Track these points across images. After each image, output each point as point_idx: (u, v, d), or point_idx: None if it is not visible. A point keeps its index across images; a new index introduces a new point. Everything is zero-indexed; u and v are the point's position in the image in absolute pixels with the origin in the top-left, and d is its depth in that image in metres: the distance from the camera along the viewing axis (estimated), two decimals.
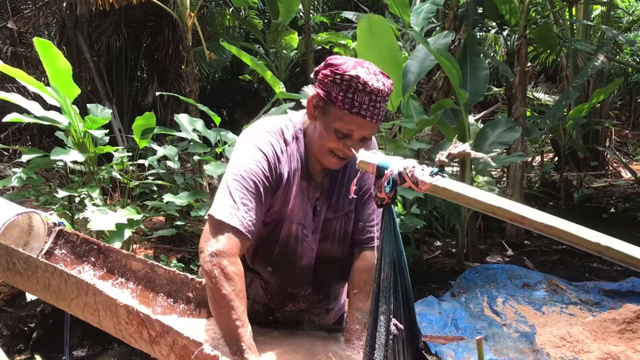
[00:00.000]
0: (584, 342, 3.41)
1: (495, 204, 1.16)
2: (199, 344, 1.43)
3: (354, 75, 1.50)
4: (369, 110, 1.53)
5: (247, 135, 1.67)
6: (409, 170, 1.28)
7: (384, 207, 1.34)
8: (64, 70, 3.91)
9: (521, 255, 5.37)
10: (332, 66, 1.55)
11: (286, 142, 1.66)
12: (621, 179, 8.81)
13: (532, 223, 1.12)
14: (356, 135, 1.57)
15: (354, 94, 1.51)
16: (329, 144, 1.59)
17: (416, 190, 1.29)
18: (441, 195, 1.26)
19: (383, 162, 1.33)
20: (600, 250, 1.08)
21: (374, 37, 4.41)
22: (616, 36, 7.44)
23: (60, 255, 2.01)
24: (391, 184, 1.31)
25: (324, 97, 1.55)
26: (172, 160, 4.65)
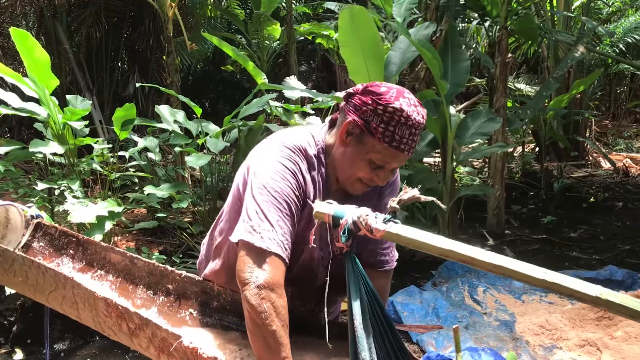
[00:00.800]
0: (563, 330, 3.47)
1: (446, 247, 1.23)
2: (178, 336, 1.43)
3: (397, 108, 1.43)
4: (407, 144, 1.47)
5: (270, 150, 1.56)
6: (363, 219, 1.32)
7: (344, 256, 1.36)
8: (42, 61, 3.87)
9: (502, 244, 5.43)
10: (373, 94, 1.46)
11: (309, 161, 1.57)
12: (601, 168, 8.92)
13: (482, 264, 1.19)
14: (389, 166, 1.53)
15: (396, 127, 1.44)
16: (359, 174, 1.53)
17: (371, 237, 1.32)
18: (395, 240, 1.32)
19: (338, 212, 1.36)
20: (547, 286, 1.15)
21: (356, 28, 4.40)
22: (596, 27, 7.52)
23: (38, 248, 2.00)
24: (347, 233, 1.33)
25: (362, 126, 1.47)
26: (153, 152, 4.63)
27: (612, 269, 4.42)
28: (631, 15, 11.05)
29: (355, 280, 1.33)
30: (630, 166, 8.80)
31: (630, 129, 12.62)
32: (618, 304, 1.06)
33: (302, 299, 1.70)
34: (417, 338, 3.52)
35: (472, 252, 1.19)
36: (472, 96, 10.39)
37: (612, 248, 5.20)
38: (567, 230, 5.82)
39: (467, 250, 1.20)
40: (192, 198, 4.73)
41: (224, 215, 1.76)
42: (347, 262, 1.35)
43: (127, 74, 9.66)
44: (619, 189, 7.59)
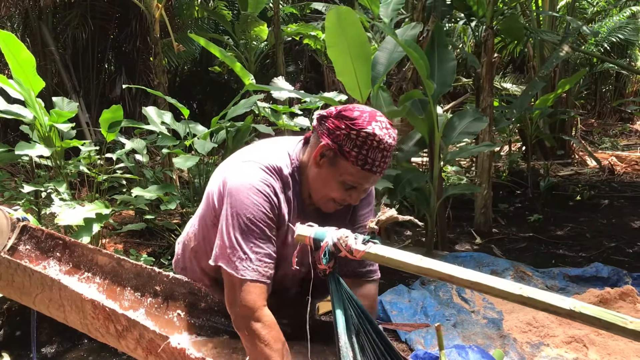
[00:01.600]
0: (549, 327, 3.50)
1: (425, 266, 1.26)
2: (166, 337, 1.44)
3: (370, 133, 1.48)
4: (379, 167, 1.53)
5: (246, 170, 1.60)
6: (343, 241, 1.35)
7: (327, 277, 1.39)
8: (28, 63, 3.84)
9: (489, 243, 5.46)
10: (346, 119, 1.51)
11: (284, 181, 1.61)
12: (587, 167, 9.00)
13: (460, 281, 1.23)
14: (362, 187, 1.57)
15: (368, 151, 1.49)
16: (332, 194, 1.58)
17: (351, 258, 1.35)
18: (374, 260, 1.35)
19: (318, 234, 1.40)
20: (523, 301, 1.18)
21: (343, 29, 4.41)
22: (581, 27, 7.58)
23: (24, 251, 1.99)
24: (328, 255, 1.35)
25: (335, 150, 1.52)
26: (140, 154, 4.61)
27: (598, 266, 4.46)
28: (615, 15, 11.16)
29: (339, 299, 1.36)
30: (616, 164, 8.89)
31: (615, 128, 12.75)
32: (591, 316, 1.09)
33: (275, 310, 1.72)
34: (406, 337, 3.53)
35: (450, 270, 1.23)
36: (459, 96, 10.45)
37: (598, 245, 5.25)
38: (553, 228, 5.87)
39: (445, 268, 1.24)
40: (180, 199, 4.71)
41: (198, 219, 1.80)
42: (330, 282, 1.38)
43: (114, 76, 9.61)
44: (604, 187, 7.66)
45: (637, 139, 11.78)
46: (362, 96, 4.77)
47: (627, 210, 6.53)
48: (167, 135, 4.48)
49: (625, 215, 6.30)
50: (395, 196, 4.65)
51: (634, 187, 7.65)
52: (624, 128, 12.67)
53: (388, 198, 4.78)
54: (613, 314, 1.08)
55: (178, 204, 4.59)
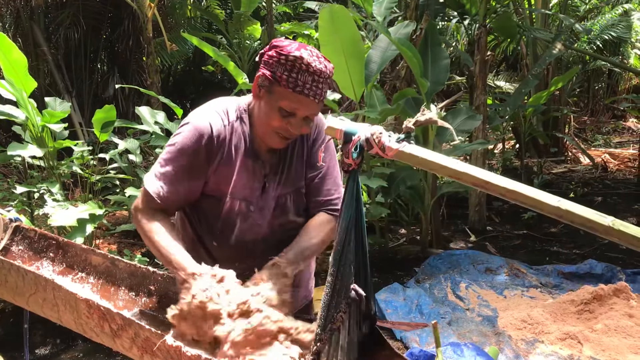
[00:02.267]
0: (544, 324, 3.51)
1: (460, 169, 1.19)
2: (161, 335, 1.43)
3: (298, 56, 1.57)
4: (311, 90, 1.59)
5: (191, 113, 1.74)
6: (376, 137, 1.29)
7: (349, 173, 1.37)
8: (19, 63, 3.82)
9: (483, 241, 5.48)
10: (277, 47, 1.61)
11: (229, 120, 1.71)
12: (580, 164, 9.04)
13: (496, 188, 1.15)
14: (300, 113, 1.63)
15: (298, 74, 1.58)
16: (273, 123, 1.65)
17: (383, 156, 1.31)
18: (407, 161, 1.28)
19: (350, 128, 1.35)
20: (560, 215, 1.11)
21: (336, 28, 4.42)
22: (573, 25, 7.61)
23: (17, 252, 1.97)
24: (358, 150, 1.32)
25: (269, 77, 1.61)
26: (134, 154, 4.59)
27: (592, 263, 4.48)
28: (607, 13, 11.20)
29: (351, 197, 1.37)
30: (609, 161, 8.93)
31: (608, 125, 12.80)
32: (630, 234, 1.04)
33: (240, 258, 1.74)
34: (401, 335, 3.54)
35: (485, 176, 1.16)
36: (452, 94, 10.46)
37: (591, 242, 5.27)
38: (547, 225, 5.89)
39: (481, 174, 1.17)
40: None
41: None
42: (350, 180, 1.38)
43: (107, 76, 9.57)
44: (597, 184, 7.69)
45: (629, 136, 11.84)
46: (356, 94, 4.77)
47: (621, 207, 6.56)
48: (160, 135, 4.47)
49: (618, 212, 6.32)
50: (389, 194, 4.65)
51: (627, 184, 7.68)
52: (616, 125, 12.72)
53: (382, 196, 4.79)
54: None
55: None
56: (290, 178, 1.78)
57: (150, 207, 1.68)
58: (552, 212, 1.12)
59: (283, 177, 1.77)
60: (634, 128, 12.25)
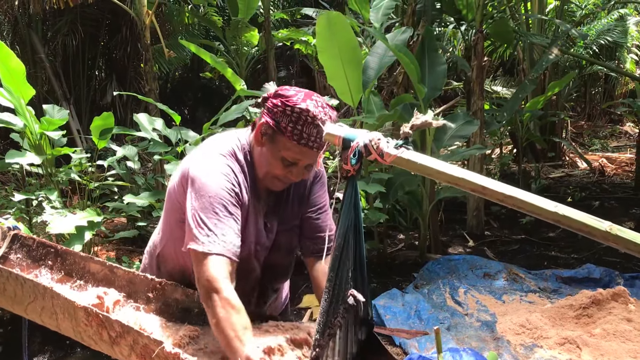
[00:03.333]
0: (543, 329, 3.51)
1: (457, 175, 1.19)
2: (160, 342, 1.43)
3: (304, 109, 1.56)
4: (315, 142, 1.59)
5: (204, 157, 1.68)
6: (375, 143, 1.30)
7: (347, 180, 1.38)
8: (17, 71, 3.82)
9: (482, 245, 5.48)
10: (282, 97, 1.60)
11: (239, 163, 1.69)
12: (577, 169, 9.05)
13: (493, 193, 1.16)
14: (301, 163, 1.63)
15: (303, 126, 1.57)
16: (275, 171, 1.65)
17: (381, 162, 1.32)
18: (405, 167, 1.28)
19: (349, 135, 1.36)
20: (558, 219, 1.12)
21: (333, 34, 4.43)
22: (569, 30, 7.63)
23: (15, 260, 1.97)
24: (357, 156, 1.33)
25: (273, 127, 1.60)
26: (132, 161, 4.60)
27: (590, 267, 4.49)
28: (603, 18, 11.24)
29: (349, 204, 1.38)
30: (606, 166, 8.94)
31: (605, 129, 12.83)
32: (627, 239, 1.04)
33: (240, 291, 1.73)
34: (400, 341, 3.53)
35: (483, 182, 1.17)
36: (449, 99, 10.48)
37: (589, 247, 5.27)
38: (545, 230, 5.90)
39: (479, 179, 1.17)
40: None
41: (161, 224, 1.87)
42: (348, 185, 1.39)
43: (105, 83, 9.58)
44: (595, 189, 7.70)
45: (626, 140, 11.86)
46: (354, 101, 4.78)
47: (618, 211, 6.56)
48: (158, 141, 4.47)
49: (616, 216, 6.33)
50: (387, 200, 4.66)
51: (625, 188, 7.70)
52: (613, 130, 12.75)
53: (380, 202, 4.79)
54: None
55: None
56: (286, 216, 1.79)
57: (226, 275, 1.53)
58: (549, 217, 1.13)
59: (280, 215, 1.78)
60: (631, 132, 12.27)
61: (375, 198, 4.81)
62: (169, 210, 1.79)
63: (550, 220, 1.12)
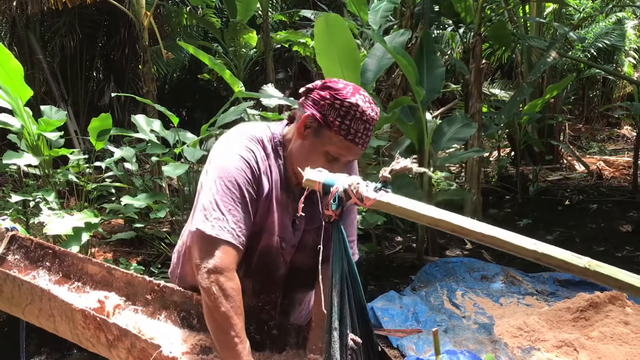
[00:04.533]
0: (540, 331, 3.52)
1: (436, 217, 1.23)
2: (157, 345, 1.43)
3: (353, 103, 1.51)
4: (361, 138, 1.55)
5: (227, 141, 1.64)
6: (354, 187, 1.33)
7: (332, 225, 1.38)
8: (15, 72, 3.82)
9: (479, 248, 5.48)
10: (331, 89, 1.55)
11: (266, 152, 1.64)
12: (575, 171, 9.07)
13: (472, 233, 1.19)
14: (344, 159, 1.59)
15: (351, 121, 1.52)
16: (315, 165, 1.55)
17: (361, 206, 1.33)
18: (385, 209, 1.31)
19: (328, 180, 1.37)
20: (537, 257, 1.15)
21: (331, 36, 4.43)
22: (567, 33, 7.65)
23: (13, 261, 1.97)
24: (337, 201, 1.35)
25: (320, 120, 1.54)
26: (129, 162, 4.59)
27: None
28: (601, 21, 11.28)
29: (339, 249, 1.37)
30: (604, 169, 8.96)
31: (603, 132, 12.87)
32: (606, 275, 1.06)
33: (266, 291, 1.73)
34: (398, 343, 3.53)
35: (462, 222, 1.19)
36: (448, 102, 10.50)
37: (587, 249, 5.28)
38: (543, 232, 5.90)
39: (457, 220, 1.20)
40: (170, 208, 4.70)
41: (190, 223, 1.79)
42: (334, 231, 1.38)
43: (103, 84, 9.57)
44: (593, 192, 7.72)
45: (624, 143, 11.90)
46: None
47: (616, 214, 6.58)
48: (156, 143, 4.47)
49: (613, 220, 6.34)
50: None
51: (622, 191, 7.71)
52: (611, 133, 12.79)
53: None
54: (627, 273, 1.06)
55: (168, 212, 4.57)
56: (317, 214, 1.71)
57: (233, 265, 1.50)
58: (529, 255, 1.16)
59: (309, 213, 1.69)
60: (629, 135, 12.30)
61: None
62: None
63: (529, 258, 1.16)
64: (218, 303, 1.45)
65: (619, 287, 1.08)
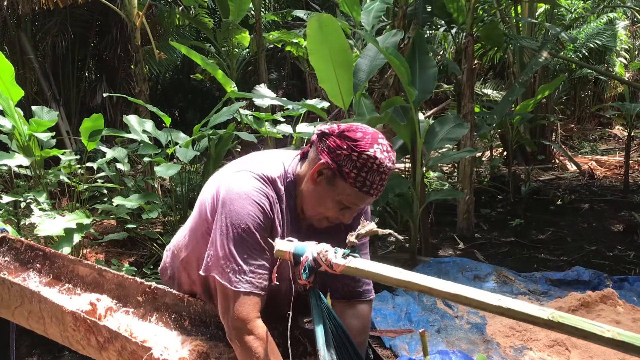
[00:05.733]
0: (532, 331, 3.53)
1: (404, 279, 1.28)
2: (148, 348, 1.42)
3: (372, 156, 1.47)
4: (377, 189, 1.52)
5: (240, 180, 1.58)
6: (323, 255, 1.36)
7: (308, 292, 1.39)
8: (6, 72, 3.80)
9: (472, 248, 5.49)
10: (349, 140, 1.49)
11: (278, 193, 1.60)
12: (567, 171, 9.11)
13: (440, 293, 1.24)
14: (357, 208, 1.57)
15: (368, 174, 1.48)
16: (327, 213, 1.57)
17: (332, 273, 1.36)
18: (355, 274, 1.36)
19: (298, 249, 1.40)
20: (502, 312, 1.20)
21: (324, 36, 4.43)
22: (559, 33, 7.68)
23: (3, 263, 1.96)
24: (308, 270, 1.36)
25: (335, 170, 1.50)
26: (121, 163, 4.58)
27: (579, 270, 4.51)
28: (592, 22, 11.33)
29: (319, 314, 1.38)
30: (595, 168, 9.01)
31: (594, 132, 12.93)
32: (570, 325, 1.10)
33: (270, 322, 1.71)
34: (390, 343, 3.53)
35: (430, 283, 1.24)
36: (440, 102, 10.53)
37: (579, 249, 5.30)
38: (535, 232, 5.93)
39: (425, 281, 1.24)
40: (162, 208, 4.68)
41: (188, 230, 1.78)
42: (311, 298, 1.39)
43: (95, 84, 9.54)
44: (584, 191, 7.75)
45: (616, 143, 11.96)
46: (344, 103, 4.79)
47: (607, 214, 6.61)
48: (148, 143, 4.46)
49: (605, 219, 6.37)
50: (378, 202, 4.66)
51: (614, 190, 7.75)
52: (603, 133, 12.85)
53: (371, 205, 4.79)
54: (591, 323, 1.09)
55: (160, 212, 4.55)
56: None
57: (257, 315, 1.48)
58: (494, 311, 1.21)
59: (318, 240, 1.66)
60: (620, 135, 12.37)
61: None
62: (197, 219, 1.70)
63: (495, 312, 1.21)
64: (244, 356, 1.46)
65: (584, 337, 1.12)
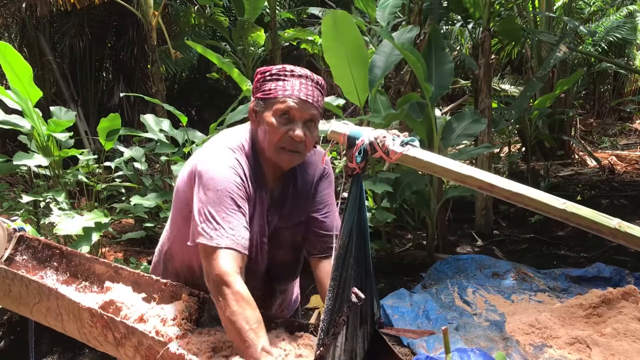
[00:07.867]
0: (552, 328, 3.48)
1: (464, 172, 1.18)
2: (164, 343, 1.43)
3: (280, 68, 1.62)
4: (301, 90, 1.59)
5: (212, 151, 1.67)
6: (380, 140, 1.29)
7: (353, 178, 1.36)
8: (25, 73, 3.84)
9: (490, 245, 5.45)
10: (259, 72, 1.66)
11: (247, 156, 1.68)
12: (587, 167, 8.99)
13: (501, 191, 1.15)
14: (298, 116, 1.61)
15: (284, 81, 1.60)
16: (275, 136, 1.62)
17: (387, 160, 1.30)
18: (412, 164, 1.27)
19: (354, 132, 1.35)
20: (566, 217, 1.11)
21: (339, 33, 4.42)
22: (577, 27, 7.58)
23: (21, 262, 1.97)
24: (362, 154, 1.31)
25: (261, 97, 1.63)
26: (139, 162, 4.60)
27: (599, 266, 4.45)
28: (612, 14, 11.17)
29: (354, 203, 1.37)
30: (616, 164, 8.87)
31: (614, 127, 12.74)
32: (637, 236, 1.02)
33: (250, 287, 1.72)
34: (408, 341, 3.51)
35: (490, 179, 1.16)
36: (457, 98, 10.44)
37: (599, 245, 5.23)
38: (554, 229, 5.86)
39: (486, 177, 1.16)
40: None
41: (169, 222, 1.86)
42: (353, 185, 1.38)
43: (112, 84, 9.62)
44: (605, 187, 7.64)
45: (636, 138, 11.77)
46: (360, 100, 4.77)
47: (628, 209, 6.51)
48: (165, 142, 4.47)
49: (626, 215, 6.27)
50: (395, 199, 4.64)
51: (635, 186, 7.63)
52: (623, 127, 12.66)
53: (388, 201, 4.77)
54: None
55: None
56: (292, 213, 1.77)
57: (236, 269, 1.51)
58: (558, 215, 1.12)
59: (285, 210, 1.76)
60: None
61: (382, 198, 4.79)
62: (176, 207, 1.78)
63: (558, 217, 1.11)
64: (225, 309, 1.47)
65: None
